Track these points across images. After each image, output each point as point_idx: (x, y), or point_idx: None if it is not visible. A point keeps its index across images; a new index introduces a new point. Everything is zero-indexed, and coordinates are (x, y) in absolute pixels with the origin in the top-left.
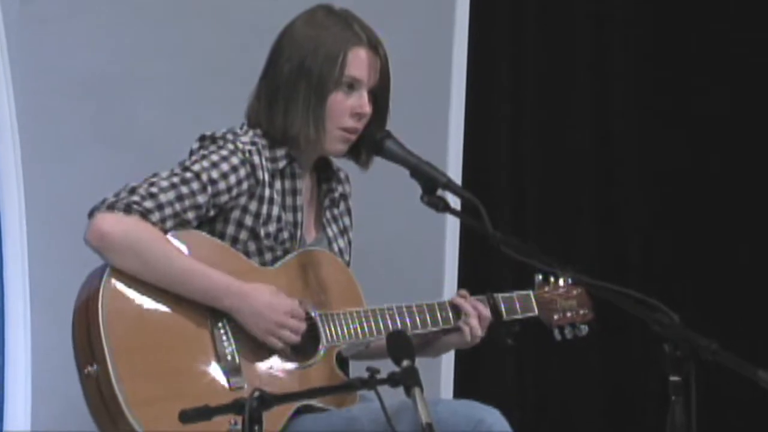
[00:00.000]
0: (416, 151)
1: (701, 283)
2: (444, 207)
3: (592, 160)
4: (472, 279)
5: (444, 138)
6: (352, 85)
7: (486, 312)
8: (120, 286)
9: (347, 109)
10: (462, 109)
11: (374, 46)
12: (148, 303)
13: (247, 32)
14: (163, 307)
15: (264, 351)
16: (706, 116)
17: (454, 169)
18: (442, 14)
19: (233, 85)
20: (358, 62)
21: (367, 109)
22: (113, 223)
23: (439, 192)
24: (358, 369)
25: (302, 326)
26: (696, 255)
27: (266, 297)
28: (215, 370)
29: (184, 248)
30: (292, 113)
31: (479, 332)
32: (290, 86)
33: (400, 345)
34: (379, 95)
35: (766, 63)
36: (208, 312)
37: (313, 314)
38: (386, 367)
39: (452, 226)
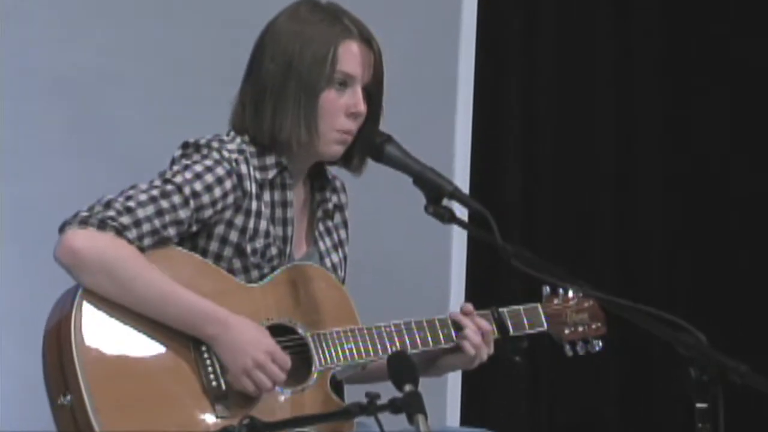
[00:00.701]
0: (420, 157)
1: (726, 300)
2: (450, 218)
3: (609, 167)
4: (480, 295)
5: (450, 143)
6: (344, 82)
7: (488, 327)
8: (94, 309)
9: (341, 108)
10: (469, 111)
11: (366, 39)
12: (125, 326)
13: (235, 27)
14: (141, 330)
15: None
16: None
17: (460, 177)
18: (447, 13)
19: (221, 85)
20: (350, 57)
21: (362, 107)
22: (85, 239)
23: (445, 201)
24: (355, 393)
25: (281, 376)
26: (721, 271)
27: (250, 332)
28: (200, 398)
29: (163, 268)
30: (281, 115)
31: (483, 350)
32: (278, 87)
33: (402, 368)
34: (373, 93)
35: None
36: (192, 337)
37: (304, 334)
38: (386, 390)
39: (459, 238)
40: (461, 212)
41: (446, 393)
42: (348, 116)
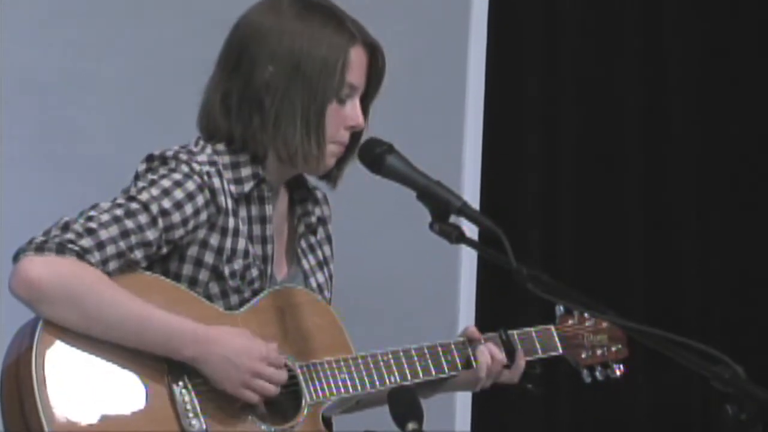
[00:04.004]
0: (425, 169)
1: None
2: (458, 236)
3: (640, 178)
4: (491, 322)
5: (458, 153)
6: (348, 95)
7: (501, 356)
8: (57, 344)
9: (342, 120)
10: (480, 117)
11: (371, 45)
12: (92, 363)
13: (213, 27)
14: (111, 367)
15: (236, 414)
16: None
17: (470, 191)
18: (455, 11)
19: (200, 87)
20: (357, 66)
21: (362, 121)
22: (43, 267)
23: (453, 218)
24: (349, 424)
25: (282, 375)
26: (761, 296)
27: (236, 342)
28: None
29: (131, 294)
30: (285, 126)
31: (493, 379)
32: (281, 93)
33: (404, 404)
34: (364, 103)
35: None
36: (166, 371)
37: (292, 366)
38: (379, 416)
39: (468, 259)
40: (471, 230)
41: (455, 408)
42: (346, 129)
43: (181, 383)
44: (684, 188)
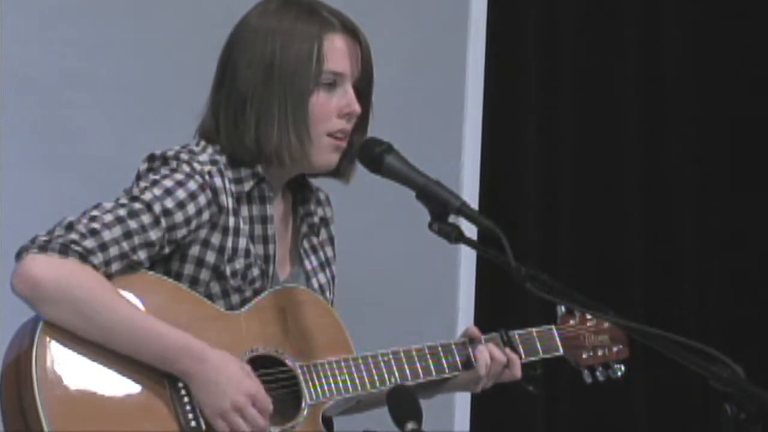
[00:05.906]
0: (424, 169)
1: (766, 329)
2: (458, 236)
3: (640, 179)
4: (490, 322)
5: (457, 153)
6: (333, 83)
7: (501, 355)
8: (57, 343)
9: (333, 110)
10: (479, 117)
11: (351, 30)
12: (92, 361)
13: (213, 27)
14: (111, 366)
15: None
16: None
17: (469, 191)
18: (455, 13)
19: (200, 87)
20: (336, 53)
21: (356, 107)
22: (45, 267)
23: (452, 218)
24: (349, 424)
25: (261, 422)
26: (761, 296)
27: (231, 370)
28: None
29: (133, 296)
30: (266, 125)
31: (494, 379)
32: (259, 95)
33: (403, 404)
34: (362, 90)
35: None
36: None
37: (293, 366)
38: (379, 416)
39: (467, 258)
40: (470, 230)
41: (454, 408)
42: (341, 117)
43: (182, 384)
44: (684, 188)
